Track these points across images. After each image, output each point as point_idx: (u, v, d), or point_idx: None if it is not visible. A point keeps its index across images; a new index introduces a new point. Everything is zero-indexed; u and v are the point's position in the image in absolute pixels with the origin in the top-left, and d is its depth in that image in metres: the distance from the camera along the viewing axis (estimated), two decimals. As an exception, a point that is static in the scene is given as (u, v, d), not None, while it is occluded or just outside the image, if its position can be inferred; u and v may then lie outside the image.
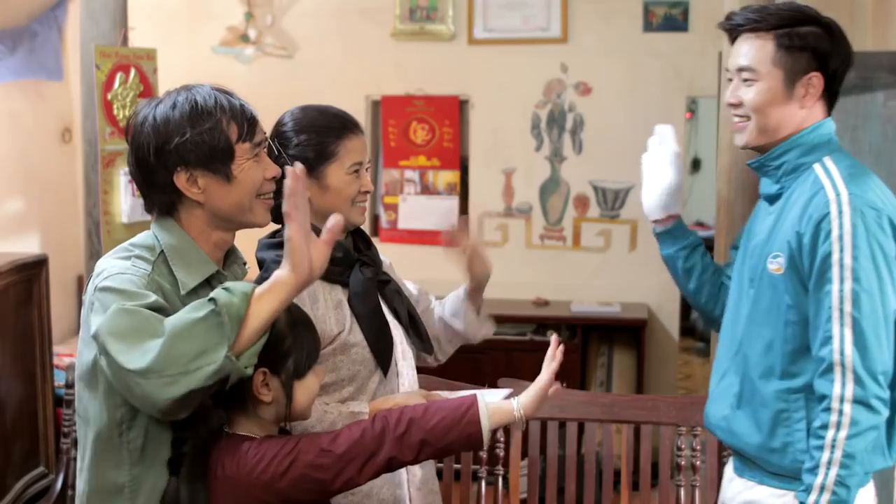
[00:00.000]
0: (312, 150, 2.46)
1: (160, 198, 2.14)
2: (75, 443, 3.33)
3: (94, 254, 4.12)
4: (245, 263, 2.34)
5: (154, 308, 1.93)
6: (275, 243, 2.49)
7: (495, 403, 2.08)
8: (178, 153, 2.07)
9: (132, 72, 4.26)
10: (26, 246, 5.08)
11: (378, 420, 2.02)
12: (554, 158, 5.90)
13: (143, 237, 2.17)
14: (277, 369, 2.04)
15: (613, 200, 5.84)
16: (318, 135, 2.48)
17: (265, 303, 1.92)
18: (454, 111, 5.98)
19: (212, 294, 1.91)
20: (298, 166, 1.95)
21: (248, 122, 2.13)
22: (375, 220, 6.16)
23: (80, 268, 5.01)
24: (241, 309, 1.89)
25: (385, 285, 2.58)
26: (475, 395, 2.06)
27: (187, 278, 2.11)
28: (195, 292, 2.11)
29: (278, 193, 2.48)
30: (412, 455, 2.03)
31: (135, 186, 4.28)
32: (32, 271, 3.95)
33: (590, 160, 5.86)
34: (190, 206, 2.14)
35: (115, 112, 4.20)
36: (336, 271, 2.47)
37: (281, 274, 1.94)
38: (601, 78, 5.82)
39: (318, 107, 2.57)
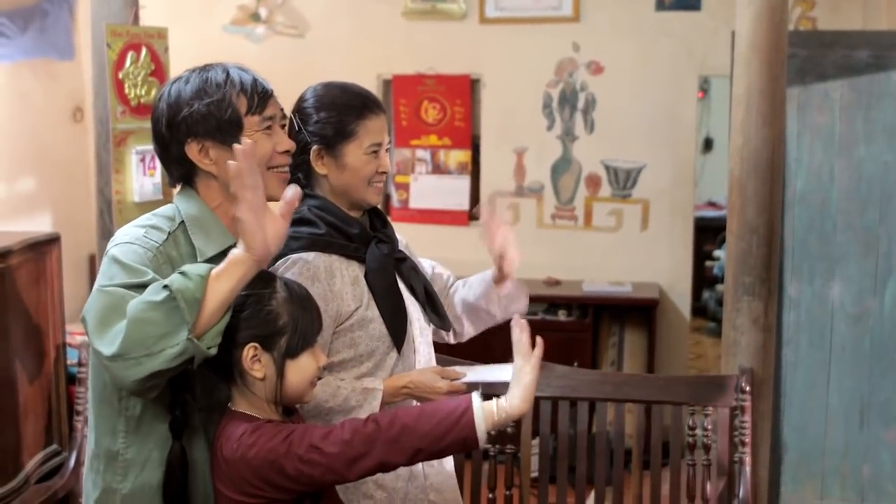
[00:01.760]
0: (332, 127, 2.47)
1: (177, 169, 2.21)
2: (88, 421, 3.35)
3: (105, 232, 4.12)
4: None
5: (146, 286, 1.96)
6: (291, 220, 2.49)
7: (490, 405, 2.03)
8: (187, 124, 2.14)
9: (143, 51, 4.25)
10: (38, 225, 5.09)
11: (370, 422, 2.00)
12: (566, 138, 5.89)
13: (165, 208, 2.23)
14: (270, 346, 2.04)
15: (625, 180, 5.83)
16: (339, 113, 2.48)
17: (222, 283, 1.93)
18: (465, 90, 5.96)
19: (167, 279, 1.92)
20: (246, 142, 1.94)
21: (259, 96, 2.18)
22: (387, 199, 6.16)
23: (93, 246, 5.02)
24: (198, 291, 1.89)
25: (401, 263, 2.59)
26: (470, 399, 2.02)
27: (205, 247, 2.16)
28: (213, 261, 2.12)
29: (298, 167, 2.50)
30: (405, 459, 2.01)
31: (146, 165, 4.30)
32: (44, 249, 3.95)
33: (602, 140, 5.85)
34: (206, 178, 2.19)
35: (127, 91, 4.19)
36: (352, 247, 2.48)
37: (236, 253, 1.95)
38: (613, 57, 5.80)
39: (340, 84, 2.57)
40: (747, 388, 3.24)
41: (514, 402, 2.05)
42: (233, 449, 2.01)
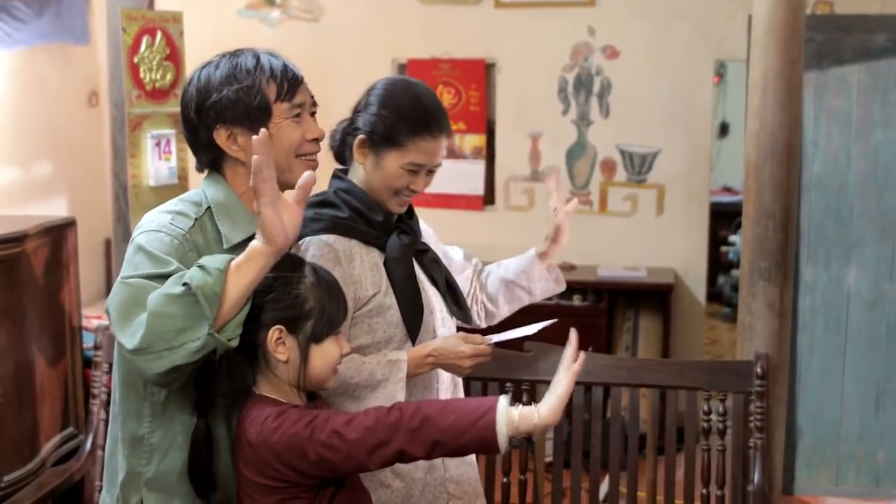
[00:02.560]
0: (383, 128, 2.42)
1: (205, 154, 2.22)
2: (104, 404, 3.37)
3: (121, 217, 4.14)
4: None
5: (169, 276, 1.97)
6: (314, 202, 2.47)
7: (514, 411, 1.99)
8: (215, 110, 2.14)
9: (158, 35, 4.26)
10: (54, 209, 5.11)
11: (393, 411, 2.00)
12: (581, 122, 5.87)
13: (191, 193, 2.24)
14: (295, 329, 2.05)
15: (640, 165, 5.81)
16: (397, 119, 2.43)
17: (241, 276, 1.93)
18: (481, 75, 5.95)
19: (187, 274, 1.91)
20: (263, 132, 1.91)
21: (288, 83, 2.17)
22: (401, 184, 6.15)
23: (108, 231, 5.03)
24: (217, 286, 1.89)
25: (423, 254, 2.57)
26: (496, 400, 2.00)
27: (231, 233, 2.16)
28: (239, 248, 2.13)
29: (345, 141, 2.47)
30: (424, 451, 2.00)
31: (161, 149, 4.31)
32: (61, 234, 3.97)
33: (617, 124, 5.83)
34: (233, 164, 2.20)
35: (142, 75, 4.20)
36: (374, 234, 2.47)
37: (256, 245, 1.95)
38: (629, 41, 5.77)
39: (416, 90, 2.49)
40: (763, 374, 3.24)
41: (542, 412, 2.01)
42: (257, 432, 2.02)
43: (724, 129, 9.28)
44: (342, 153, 2.55)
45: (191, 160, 4.69)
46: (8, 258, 3.56)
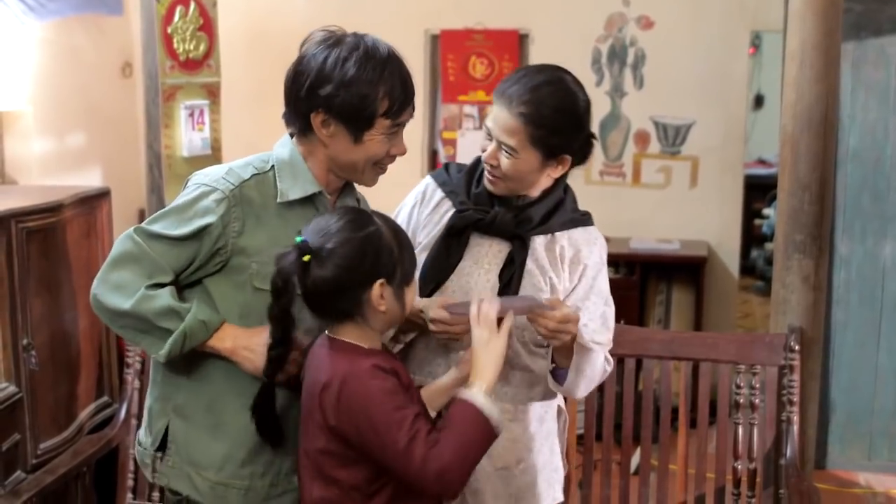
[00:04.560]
0: None
1: (295, 120, 2.27)
2: (138, 373, 3.40)
3: (155, 187, 4.16)
4: (359, 200, 2.44)
5: (189, 236, 2.14)
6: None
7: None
8: (325, 99, 2.18)
9: (192, 5, 4.26)
10: (88, 179, 5.13)
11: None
12: (614, 94, 5.83)
13: (263, 154, 2.31)
14: (391, 278, 2.09)
15: (674, 136, 5.77)
16: None
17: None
18: (514, 46, 5.92)
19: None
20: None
21: (400, 102, 2.22)
22: (434, 155, 6.15)
23: (142, 201, 5.06)
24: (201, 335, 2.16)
25: (514, 238, 2.50)
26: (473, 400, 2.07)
27: (290, 189, 2.24)
28: (291, 206, 2.23)
29: None
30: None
31: (195, 120, 4.30)
32: (95, 204, 3.99)
33: (651, 96, 5.79)
34: (315, 141, 2.26)
35: (175, 46, 4.20)
36: (458, 199, 2.49)
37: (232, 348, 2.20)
38: (663, 12, 5.72)
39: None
40: (796, 347, 3.22)
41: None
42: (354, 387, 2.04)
43: (758, 101, 9.20)
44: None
45: (224, 131, 4.70)
46: (43, 228, 3.57)
